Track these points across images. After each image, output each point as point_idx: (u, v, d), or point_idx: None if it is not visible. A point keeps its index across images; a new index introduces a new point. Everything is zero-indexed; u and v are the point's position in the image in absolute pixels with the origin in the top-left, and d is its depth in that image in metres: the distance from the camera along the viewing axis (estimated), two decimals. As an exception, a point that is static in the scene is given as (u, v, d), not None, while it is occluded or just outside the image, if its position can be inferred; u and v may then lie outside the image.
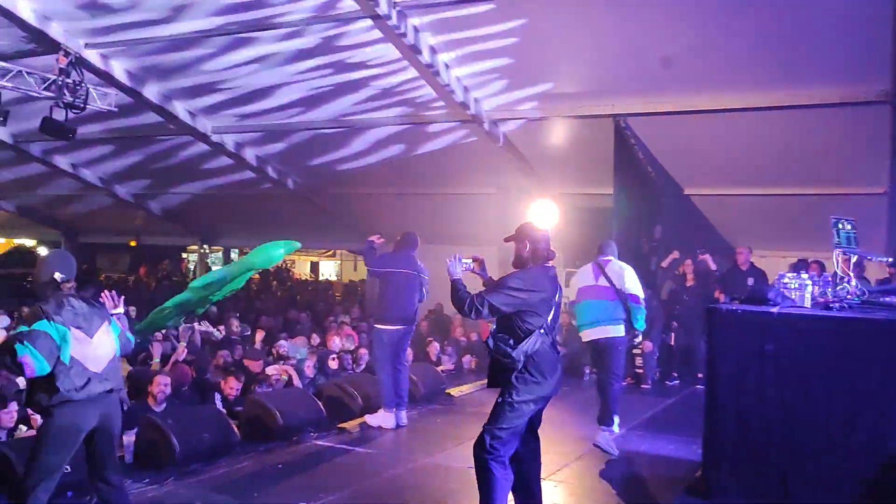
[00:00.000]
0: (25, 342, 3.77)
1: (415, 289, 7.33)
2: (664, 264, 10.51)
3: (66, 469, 4.94)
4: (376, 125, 11.42)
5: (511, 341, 4.20)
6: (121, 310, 4.36)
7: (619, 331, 6.47)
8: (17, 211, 19.50)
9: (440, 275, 7.72)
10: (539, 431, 4.59)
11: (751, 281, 9.27)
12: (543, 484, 5.54)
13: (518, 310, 4.23)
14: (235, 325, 11.53)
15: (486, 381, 4.57)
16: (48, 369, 3.81)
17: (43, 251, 28.22)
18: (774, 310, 5.20)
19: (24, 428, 5.78)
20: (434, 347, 10.67)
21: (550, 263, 4.41)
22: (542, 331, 4.22)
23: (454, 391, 8.96)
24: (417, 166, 12.50)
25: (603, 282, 6.52)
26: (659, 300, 10.43)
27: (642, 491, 5.93)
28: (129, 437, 5.82)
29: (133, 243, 21.20)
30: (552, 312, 4.30)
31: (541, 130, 10.75)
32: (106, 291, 4.37)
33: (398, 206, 13.82)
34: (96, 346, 4.05)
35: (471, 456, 4.22)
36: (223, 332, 10.91)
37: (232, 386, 7.29)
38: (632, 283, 6.49)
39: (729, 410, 5.27)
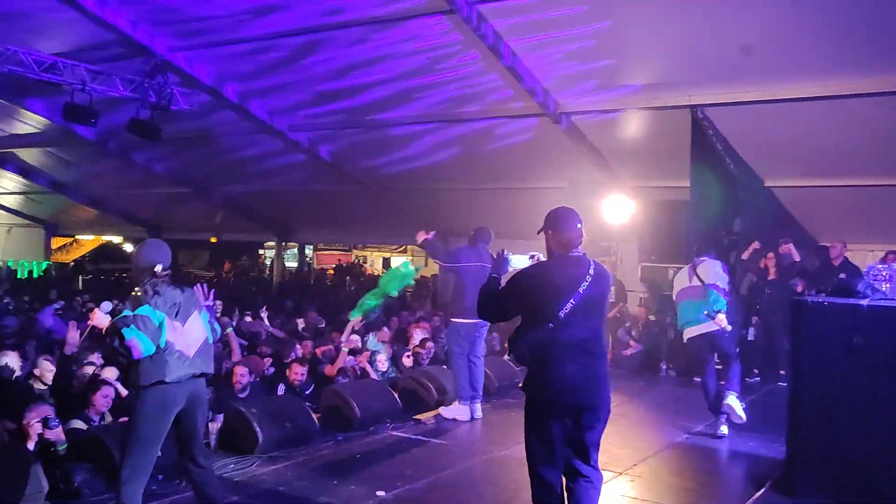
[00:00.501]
0: (132, 325, 3.93)
1: None
2: (745, 256, 10.19)
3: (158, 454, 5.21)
4: (447, 120, 11.48)
5: (520, 336, 3.86)
6: (210, 301, 4.51)
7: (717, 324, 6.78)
8: (103, 209, 20.35)
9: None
10: (616, 426, 4.48)
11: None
12: (619, 480, 5.54)
13: (525, 305, 3.87)
14: (313, 316, 11.82)
15: None
16: (152, 351, 3.98)
17: (129, 248, 29.50)
18: (864, 302, 5.02)
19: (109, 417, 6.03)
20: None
21: (578, 251, 3.90)
22: (550, 325, 3.72)
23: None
24: (488, 161, 12.50)
25: (696, 282, 6.92)
26: (738, 295, 10.16)
27: (722, 487, 5.81)
28: (215, 424, 6.04)
29: (213, 240, 21.83)
30: (570, 304, 3.73)
31: (615, 123, 10.60)
32: (198, 284, 4.51)
33: (469, 201, 13.87)
34: (189, 331, 4.19)
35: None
36: (299, 325, 11.17)
37: (297, 371, 7.43)
38: (714, 276, 6.84)
39: (814, 407, 5.12)
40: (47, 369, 6.47)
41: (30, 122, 14.17)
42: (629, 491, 5.36)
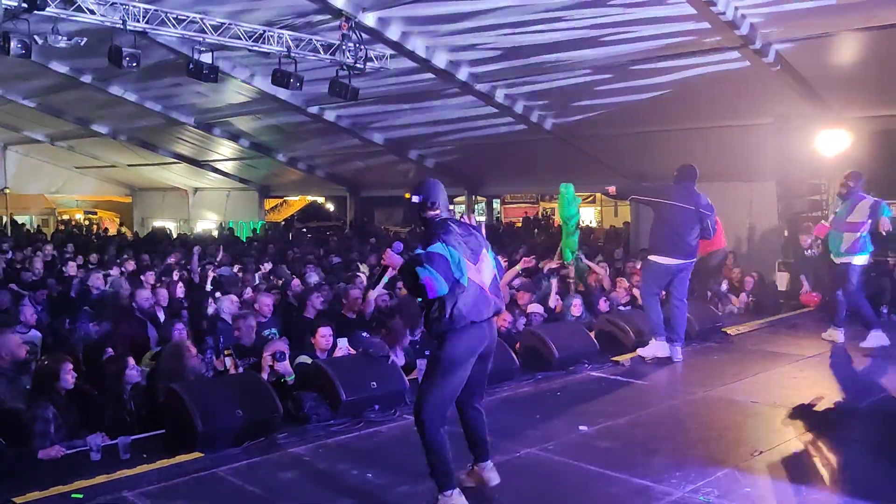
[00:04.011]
0: (425, 265, 3.76)
1: (690, 223, 7.04)
2: None
3: (373, 385, 5.63)
4: (636, 58, 11.04)
5: None
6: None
7: None
8: (308, 170, 21.76)
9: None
10: (833, 369, 4.16)
11: None
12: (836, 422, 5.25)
13: None
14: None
15: (763, 321, 4.07)
16: (446, 290, 3.77)
17: (330, 207, 31.51)
18: None
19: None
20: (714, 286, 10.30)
21: None
22: None
23: (731, 330, 8.62)
24: (683, 100, 11.94)
25: None
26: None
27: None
28: (422, 362, 6.39)
29: (407, 195, 22.67)
30: None
31: (825, 48, 9.74)
32: (464, 216, 4.36)
33: (663, 143, 13.35)
34: (482, 268, 3.98)
35: (755, 391, 3.86)
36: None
37: None
38: None
39: None
40: (265, 304, 7.18)
41: (241, 91, 15.38)
42: (848, 434, 5.08)
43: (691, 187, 7.15)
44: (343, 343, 6.45)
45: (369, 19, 10.86)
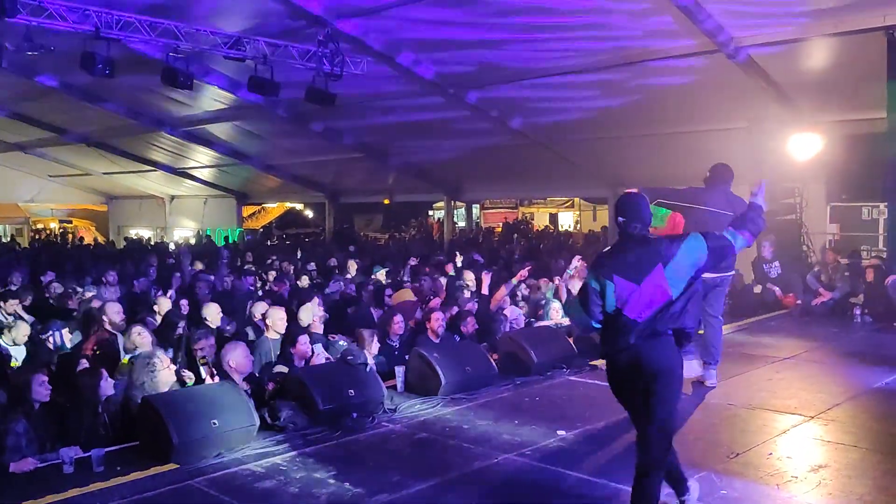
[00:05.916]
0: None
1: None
2: None
3: (351, 392, 5.61)
4: (615, 65, 11.13)
5: None
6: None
7: None
8: (285, 177, 21.64)
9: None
10: (805, 370, 4.20)
11: None
12: (810, 423, 5.31)
13: None
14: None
15: (740, 323, 3.99)
16: None
17: (309, 213, 31.38)
18: None
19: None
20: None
21: None
22: None
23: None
24: (658, 105, 12.05)
25: None
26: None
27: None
28: (400, 369, 6.40)
29: (386, 201, 22.65)
30: None
31: (797, 53, 9.88)
32: None
33: (639, 148, 13.49)
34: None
35: (731, 393, 3.89)
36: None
37: (436, 319, 7.36)
38: None
39: None
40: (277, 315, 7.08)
41: (218, 98, 15.29)
42: (823, 434, 5.13)
43: (727, 190, 6.41)
44: (319, 349, 6.42)
45: (347, 26, 10.85)
